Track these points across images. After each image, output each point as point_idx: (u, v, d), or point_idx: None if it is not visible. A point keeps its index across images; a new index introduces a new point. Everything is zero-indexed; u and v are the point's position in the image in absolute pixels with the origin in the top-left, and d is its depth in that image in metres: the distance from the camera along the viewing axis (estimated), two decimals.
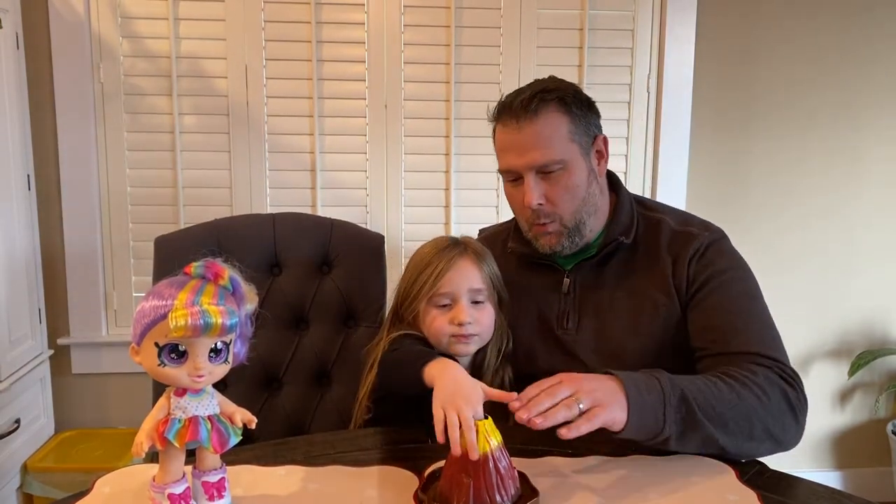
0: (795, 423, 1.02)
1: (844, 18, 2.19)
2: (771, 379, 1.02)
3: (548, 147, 1.13)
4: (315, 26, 2.05)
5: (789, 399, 1.02)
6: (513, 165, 1.17)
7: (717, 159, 2.23)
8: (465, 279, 1.13)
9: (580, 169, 1.16)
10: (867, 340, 2.35)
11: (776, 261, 2.28)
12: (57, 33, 1.98)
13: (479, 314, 1.13)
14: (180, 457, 0.78)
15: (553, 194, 1.16)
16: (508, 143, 1.17)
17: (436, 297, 1.13)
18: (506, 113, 1.17)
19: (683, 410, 0.94)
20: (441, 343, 1.13)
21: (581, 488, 0.90)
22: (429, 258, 1.15)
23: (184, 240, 1.45)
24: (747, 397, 0.98)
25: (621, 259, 1.21)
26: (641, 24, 2.14)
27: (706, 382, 0.99)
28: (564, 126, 1.14)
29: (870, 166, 2.27)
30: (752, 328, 1.09)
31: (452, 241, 1.18)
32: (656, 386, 0.94)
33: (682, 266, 1.15)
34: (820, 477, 2.09)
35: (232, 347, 0.78)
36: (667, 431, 0.93)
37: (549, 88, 1.16)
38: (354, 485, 0.91)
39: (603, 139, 1.21)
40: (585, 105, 1.18)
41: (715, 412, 0.95)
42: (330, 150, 2.11)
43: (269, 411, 1.44)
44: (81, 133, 2.02)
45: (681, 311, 1.15)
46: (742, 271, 1.16)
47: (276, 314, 1.44)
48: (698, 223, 1.22)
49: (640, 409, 0.91)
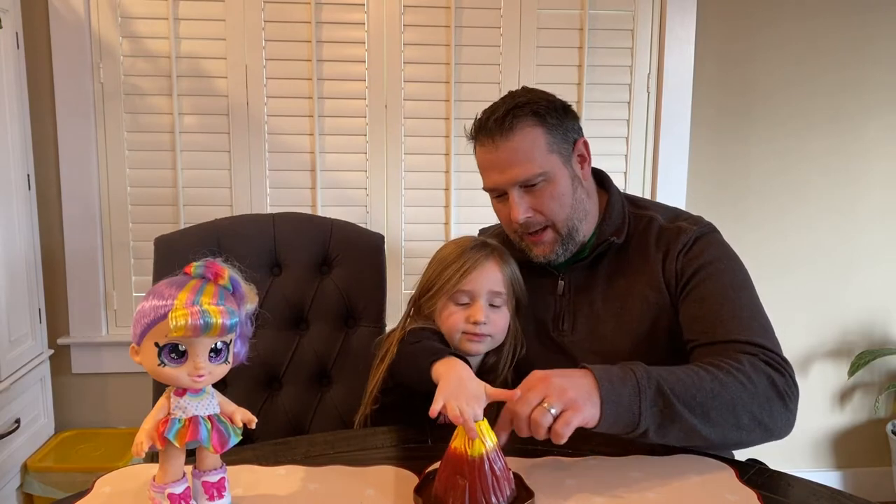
0: (785, 409, 1.01)
1: (844, 18, 2.19)
2: (757, 366, 1.01)
3: (527, 162, 1.14)
4: (315, 26, 2.05)
5: (777, 386, 1.01)
6: (496, 183, 1.17)
7: (717, 159, 2.23)
8: (488, 281, 1.15)
9: (563, 178, 1.16)
10: (867, 340, 2.35)
11: (776, 261, 2.28)
12: (57, 33, 1.98)
13: (495, 316, 1.16)
14: (180, 457, 0.78)
15: (540, 205, 1.16)
16: (488, 163, 1.18)
17: (457, 293, 1.15)
18: (482, 132, 1.17)
19: (661, 402, 0.93)
20: (453, 339, 1.15)
21: (581, 488, 0.90)
22: (455, 255, 1.16)
23: (184, 240, 1.45)
24: (731, 385, 0.97)
25: (613, 259, 1.21)
26: (641, 24, 2.14)
27: (687, 372, 0.97)
28: (541, 138, 1.15)
29: (869, 166, 2.27)
30: (740, 316, 1.09)
31: (481, 242, 1.19)
32: (631, 378, 0.93)
33: (672, 261, 1.16)
34: (820, 477, 2.09)
35: (232, 347, 0.78)
36: (643, 424, 0.92)
37: (521, 103, 1.15)
38: (354, 485, 0.91)
39: (583, 142, 1.21)
40: (561, 112, 1.18)
41: (696, 402, 0.94)
42: (330, 150, 2.11)
43: (269, 411, 1.44)
44: (81, 133, 2.02)
45: (672, 305, 1.15)
46: (730, 262, 1.16)
47: (276, 314, 1.44)
48: (687, 218, 1.22)
49: (614, 403, 0.90)
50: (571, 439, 0.87)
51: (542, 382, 0.89)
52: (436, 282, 1.17)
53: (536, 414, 0.87)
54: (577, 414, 0.87)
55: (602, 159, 1.58)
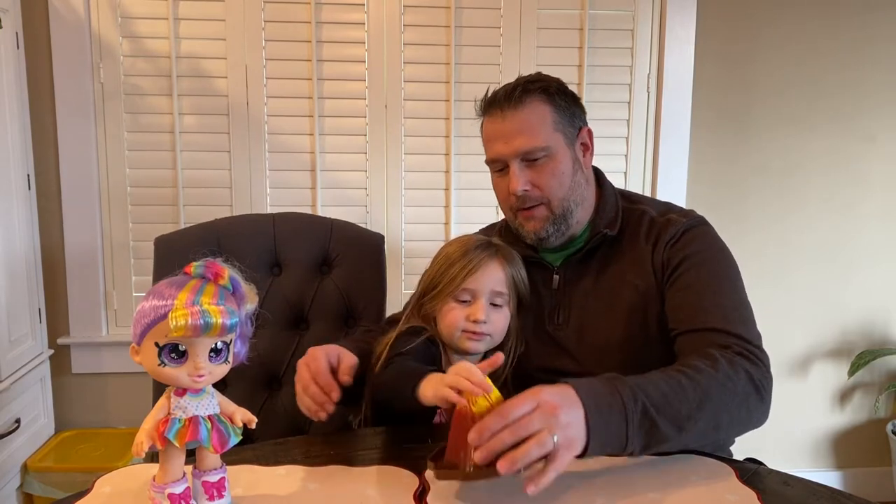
0: (761, 402, 1.02)
1: (845, 19, 2.19)
2: (734, 361, 1.01)
3: (532, 134, 1.16)
4: (315, 26, 2.05)
5: (753, 379, 1.01)
6: (498, 153, 1.19)
7: (717, 159, 2.23)
8: (491, 280, 1.16)
9: (565, 157, 1.19)
10: (867, 340, 2.35)
11: (776, 260, 2.28)
12: (57, 33, 1.98)
13: (496, 316, 1.16)
14: (180, 457, 0.77)
15: (539, 180, 1.18)
16: (494, 133, 1.20)
17: (459, 291, 1.15)
18: (492, 105, 1.20)
19: (647, 424, 0.91)
20: (453, 336, 1.16)
21: (581, 488, 0.90)
22: (460, 254, 1.17)
23: (184, 240, 1.46)
24: (712, 390, 0.96)
25: (605, 252, 1.22)
26: (641, 24, 2.14)
27: (670, 384, 0.95)
28: (548, 115, 1.17)
29: (870, 166, 2.27)
30: (722, 305, 1.09)
31: (486, 241, 1.20)
32: (618, 403, 0.89)
33: (660, 251, 1.17)
34: (820, 477, 2.09)
35: (232, 347, 0.78)
36: (629, 447, 0.91)
37: (533, 79, 1.20)
38: (354, 485, 0.91)
39: (588, 131, 1.24)
40: (570, 98, 1.21)
41: (680, 416, 0.93)
42: (330, 150, 2.11)
43: (269, 411, 1.44)
44: (81, 133, 2.02)
45: (660, 294, 1.16)
46: (716, 252, 1.17)
47: (276, 314, 1.44)
48: (678, 210, 1.24)
49: (602, 433, 0.87)
50: None
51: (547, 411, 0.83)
52: (440, 280, 1.17)
53: (536, 441, 0.80)
54: (570, 453, 0.83)
55: (602, 159, 1.58)
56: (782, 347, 2.30)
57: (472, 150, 2.12)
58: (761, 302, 1.19)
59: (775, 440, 2.31)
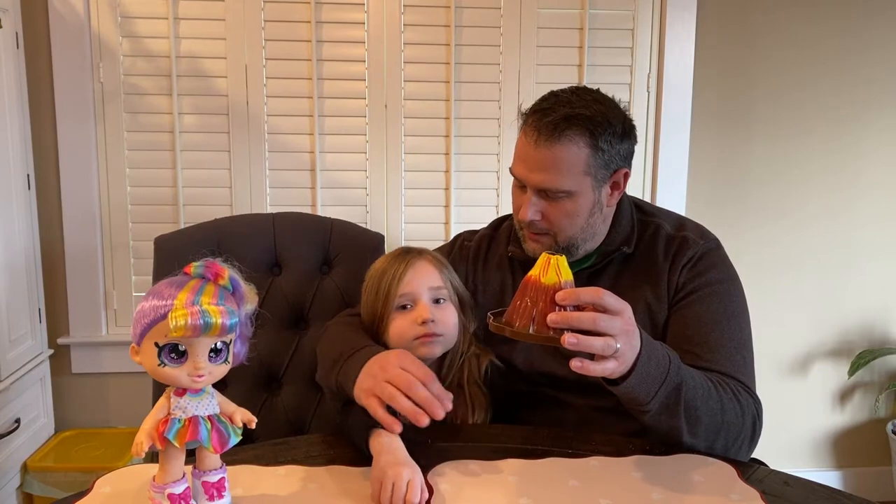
0: (748, 448, 1.07)
1: (845, 19, 2.19)
2: (747, 405, 1.05)
3: (557, 175, 1.10)
4: (315, 26, 2.05)
5: (755, 428, 1.06)
6: (520, 175, 1.16)
7: (717, 159, 2.23)
8: (424, 278, 1.12)
9: (586, 200, 1.14)
10: (867, 340, 2.35)
11: (776, 261, 2.28)
12: (57, 33, 1.97)
13: (442, 314, 1.11)
14: (180, 457, 0.77)
15: (551, 215, 1.14)
16: (523, 154, 1.15)
17: (397, 299, 1.11)
18: (532, 124, 1.12)
19: (672, 398, 0.96)
20: (408, 348, 1.09)
21: (582, 488, 0.90)
22: (385, 266, 1.14)
23: (184, 240, 1.45)
24: (729, 412, 1.02)
25: (619, 265, 1.21)
26: (641, 24, 2.14)
27: (704, 385, 1.01)
28: (583, 158, 1.10)
29: (869, 167, 2.27)
30: (727, 346, 1.10)
31: (404, 248, 1.18)
32: (665, 365, 0.95)
33: (676, 271, 1.16)
34: (820, 477, 2.09)
35: (232, 347, 0.78)
36: (649, 406, 0.95)
37: (582, 115, 1.10)
38: (354, 485, 0.91)
39: (624, 174, 1.17)
40: (618, 137, 1.13)
41: (696, 413, 0.98)
42: (330, 150, 2.11)
43: (269, 411, 1.44)
44: (81, 133, 2.02)
45: (666, 312, 1.16)
46: (730, 285, 1.16)
47: (276, 314, 1.44)
48: (693, 228, 1.23)
49: (641, 375, 0.92)
50: (572, 440, 0.87)
51: (627, 322, 0.89)
52: (377, 299, 1.13)
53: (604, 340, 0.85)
54: (619, 368, 0.88)
55: None
56: (782, 347, 2.30)
57: (472, 150, 2.12)
58: (761, 302, 1.20)
59: (775, 440, 2.31)
